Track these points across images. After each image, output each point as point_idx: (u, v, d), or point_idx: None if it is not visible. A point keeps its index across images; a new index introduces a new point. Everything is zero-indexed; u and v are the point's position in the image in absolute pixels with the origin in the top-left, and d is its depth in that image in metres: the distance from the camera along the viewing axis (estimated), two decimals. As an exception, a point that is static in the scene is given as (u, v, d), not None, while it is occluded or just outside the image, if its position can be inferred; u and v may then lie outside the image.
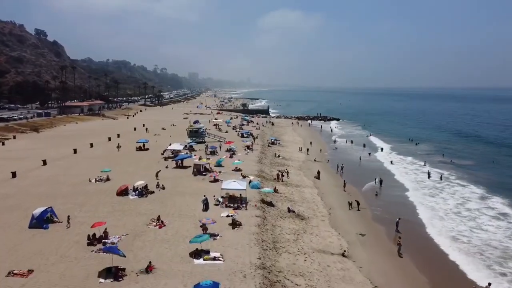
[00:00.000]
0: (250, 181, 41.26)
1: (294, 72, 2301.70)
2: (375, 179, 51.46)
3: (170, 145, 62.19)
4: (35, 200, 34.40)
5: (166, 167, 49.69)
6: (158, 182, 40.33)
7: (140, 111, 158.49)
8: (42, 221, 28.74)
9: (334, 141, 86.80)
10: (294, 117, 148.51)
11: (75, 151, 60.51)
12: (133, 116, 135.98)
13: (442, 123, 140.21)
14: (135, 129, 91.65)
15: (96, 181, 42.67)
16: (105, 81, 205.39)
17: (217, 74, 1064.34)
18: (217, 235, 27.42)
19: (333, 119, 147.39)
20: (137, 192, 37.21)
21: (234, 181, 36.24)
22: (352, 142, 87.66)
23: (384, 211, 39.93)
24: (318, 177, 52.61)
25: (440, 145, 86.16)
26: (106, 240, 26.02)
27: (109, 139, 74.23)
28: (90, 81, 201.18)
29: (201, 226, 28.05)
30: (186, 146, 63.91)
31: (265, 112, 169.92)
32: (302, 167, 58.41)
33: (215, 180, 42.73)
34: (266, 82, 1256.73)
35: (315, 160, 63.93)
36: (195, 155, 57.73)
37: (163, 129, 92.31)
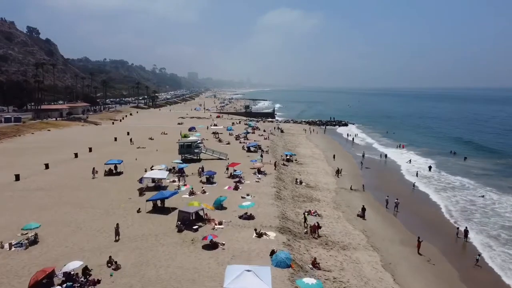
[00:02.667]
0: (272, 252, 24.03)
1: (295, 72, 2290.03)
2: (457, 228, 33.90)
3: (151, 168, 45.04)
4: None
5: (138, 211, 32.28)
6: (110, 257, 22.81)
7: (131, 114, 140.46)
8: None
9: (363, 156, 68.60)
10: (305, 121, 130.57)
11: (17, 177, 43.04)
12: (121, 120, 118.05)
13: (470, 129, 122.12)
14: (115, 139, 73.97)
15: (12, 246, 25.29)
16: (96, 80, 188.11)
17: (216, 74, 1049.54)
18: None
19: (349, 123, 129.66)
20: (66, 285, 19.86)
21: (249, 271, 18.82)
22: (386, 156, 69.94)
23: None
24: (363, 216, 35.82)
25: (496, 161, 68.21)
26: None
27: (76, 155, 56.79)
28: (77, 81, 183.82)
29: None
30: (173, 169, 46.42)
31: (270, 115, 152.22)
32: (337, 201, 40.90)
33: (213, 245, 25.38)
34: (266, 82, 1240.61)
35: (351, 189, 46.33)
36: (185, 185, 40.53)
37: (151, 139, 74.98)
